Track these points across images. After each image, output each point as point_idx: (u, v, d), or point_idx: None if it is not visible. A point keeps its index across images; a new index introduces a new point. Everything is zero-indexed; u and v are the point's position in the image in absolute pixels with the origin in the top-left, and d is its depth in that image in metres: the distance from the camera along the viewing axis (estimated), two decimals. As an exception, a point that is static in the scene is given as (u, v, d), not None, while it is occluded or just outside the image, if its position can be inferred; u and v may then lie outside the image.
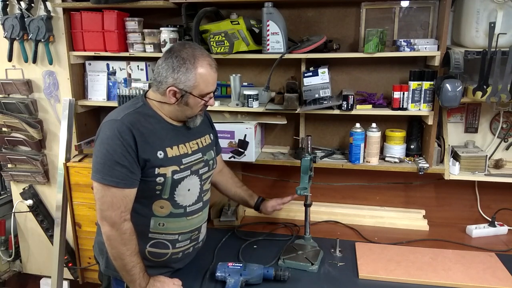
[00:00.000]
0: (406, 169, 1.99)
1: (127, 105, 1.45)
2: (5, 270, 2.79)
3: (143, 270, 1.42)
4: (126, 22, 2.16)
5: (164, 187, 1.42)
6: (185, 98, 1.40)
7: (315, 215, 2.11)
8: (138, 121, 1.38)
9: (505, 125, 2.03)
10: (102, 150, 1.35)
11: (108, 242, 1.39)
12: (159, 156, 1.40)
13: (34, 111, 2.46)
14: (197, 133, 1.56)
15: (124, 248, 1.37)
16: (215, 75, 1.43)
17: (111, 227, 1.36)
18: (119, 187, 1.34)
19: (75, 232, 2.35)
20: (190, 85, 1.38)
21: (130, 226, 1.39)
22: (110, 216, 1.36)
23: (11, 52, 2.36)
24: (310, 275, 1.62)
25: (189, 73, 1.37)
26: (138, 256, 1.40)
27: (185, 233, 1.52)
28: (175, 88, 1.38)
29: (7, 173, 2.55)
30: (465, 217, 2.13)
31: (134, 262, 1.39)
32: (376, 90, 2.08)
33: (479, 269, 1.64)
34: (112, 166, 1.33)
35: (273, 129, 2.27)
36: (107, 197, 1.35)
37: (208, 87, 1.42)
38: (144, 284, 1.42)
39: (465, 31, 1.82)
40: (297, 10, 2.09)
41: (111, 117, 1.40)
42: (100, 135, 1.38)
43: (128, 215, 1.39)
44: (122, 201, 1.36)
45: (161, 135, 1.42)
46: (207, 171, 1.57)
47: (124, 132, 1.34)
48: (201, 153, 1.54)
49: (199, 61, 1.37)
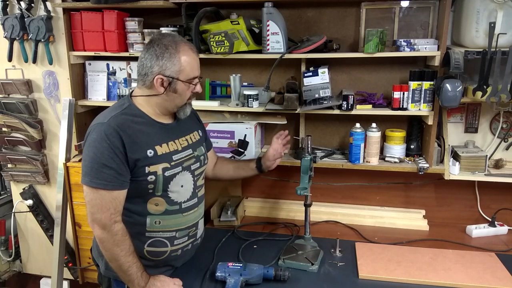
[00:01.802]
0: (406, 169, 1.99)
1: (114, 107, 1.46)
2: (5, 270, 2.79)
3: (140, 270, 1.42)
4: (126, 22, 2.16)
5: (156, 185, 1.43)
6: (173, 85, 1.42)
7: (315, 215, 2.11)
8: (125, 122, 1.39)
9: (505, 125, 2.03)
10: (90, 153, 1.36)
11: (101, 244, 1.40)
12: (149, 155, 1.40)
13: (34, 111, 2.46)
14: (186, 130, 1.58)
15: (118, 249, 1.38)
16: (197, 58, 1.46)
17: (102, 229, 1.37)
18: (108, 189, 1.35)
19: (75, 232, 2.35)
20: (176, 70, 1.40)
21: (122, 227, 1.39)
22: (100, 218, 1.36)
23: (11, 52, 2.36)
24: (310, 275, 1.62)
25: (173, 58, 1.39)
26: (133, 256, 1.40)
27: (182, 230, 1.52)
28: (162, 76, 1.40)
29: (7, 173, 2.55)
30: (465, 217, 2.13)
31: (130, 262, 1.39)
32: (376, 90, 2.08)
33: (479, 269, 1.64)
34: (100, 169, 1.34)
35: (273, 129, 2.27)
36: (96, 200, 1.36)
37: (193, 71, 1.44)
38: (143, 283, 1.42)
39: (465, 31, 1.82)
40: (297, 10, 2.09)
41: (98, 120, 1.41)
42: (88, 138, 1.39)
43: (119, 216, 1.40)
44: (111, 203, 1.37)
45: (149, 134, 1.43)
46: (199, 167, 1.58)
47: (111, 135, 1.35)
48: (191, 149, 1.55)
49: (181, 46, 1.41)
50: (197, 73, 1.47)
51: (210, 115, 2.13)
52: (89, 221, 1.40)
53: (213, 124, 2.08)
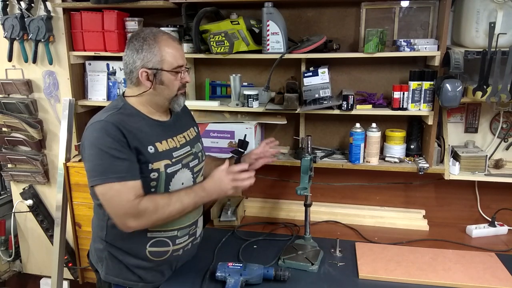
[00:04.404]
0: (406, 169, 1.99)
1: (108, 108, 1.44)
2: (5, 270, 2.79)
3: (188, 191, 1.42)
4: (126, 22, 2.16)
5: (159, 182, 1.42)
6: (158, 77, 1.40)
7: (315, 215, 2.11)
8: (123, 120, 1.37)
9: (505, 125, 2.03)
10: (95, 151, 1.32)
11: (149, 227, 1.39)
12: (150, 151, 1.39)
13: (34, 111, 2.46)
14: (183, 127, 1.57)
15: (162, 211, 1.35)
16: (179, 47, 1.43)
17: (136, 219, 1.32)
18: (127, 180, 1.32)
19: (75, 232, 2.35)
20: (158, 60, 1.38)
21: (145, 199, 1.34)
22: (127, 212, 1.31)
23: (11, 52, 2.36)
24: (310, 275, 1.62)
25: (153, 48, 1.37)
26: (171, 194, 1.39)
27: (183, 228, 1.52)
28: (145, 69, 1.38)
29: (7, 173, 2.55)
30: (465, 217, 2.13)
31: (177, 201, 1.38)
32: (376, 90, 2.08)
33: (479, 269, 1.64)
34: (112, 163, 1.31)
35: (273, 129, 2.27)
36: (116, 196, 1.31)
37: (176, 60, 1.41)
38: (203, 193, 1.43)
39: (465, 31, 1.82)
40: (297, 10, 2.09)
41: (94, 120, 1.39)
42: (87, 138, 1.35)
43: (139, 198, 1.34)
44: (131, 192, 1.32)
45: (148, 132, 1.42)
46: (197, 164, 1.58)
47: (112, 129, 1.32)
48: (189, 146, 1.55)
49: (159, 37, 1.39)
50: (182, 62, 1.43)
51: (210, 115, 2.13)
52: (119, 223, 1.34)
53: (213, 124, 2.08)
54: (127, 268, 1.47)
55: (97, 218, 1.50)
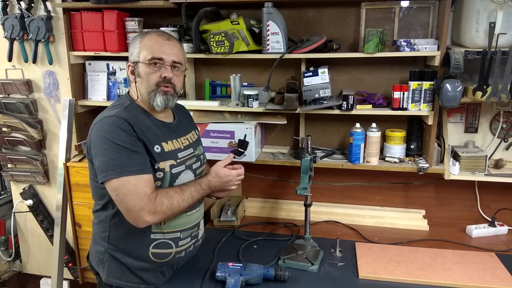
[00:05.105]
0: (406, 169, 1.99)
1: (115, 105, 1.44)
2: (5, 270, 2.79)
3: (197, 185, 1.45)
4: (126, 22, 2.16)
5: (163, 182, 1.42)
6: (136, 69, 1.42)
7: (315, 215, 2.11)
8: (130, 118, 1.37)
9: (505, 125, 2.03)
10: (109, 145, 1.30)
11: (164, 220, 1.40)
12: (156, 151, 1.40)
13: (34, 111, 2.46)
14: (186, 129, 1.59)
15: (176, 206, 1.36)
16: (164, 42, 1.41)
17: (153, 214, 1.31)
18: (144, 172, 1.32)
19: (75, 232, 2.35)
20: (137, 53, 1.42)
21: (158, 193, 1.34)
22: (144, 207, 1.29)
23: (11, 52, 2.36)
24: (310, 275, 1.62)
25: (136, 43, 1.43)
26: (181, 190, 1.40)
27: (186, 230, 1.52)
28: (130, 63, 1.43)
29: (7, 173, 2.55)
30: (465, 217, 2.14)
31: (188, 195, 1.40)
32: (376, 90, 2.08)
33: (479, 269, 1.64)
34: (129, 156, 1.30)
35: (273, 129, 2.27)
36: (132, 190, 1.29)
37: (153, 52, 1.39)
38: (209, 190, 1.48)
39: (465, 31, 1.82)
40: (297, 10, 2.09)
41: (103, 115, 1.39)
42: (99, 133, 1.33)
43: (155, 192, 1.34)
44: (146, 185, 1.31)
45: (155, 131, 1.43)
46: (199, 166, 1.58)
47: (124, 123, 1.33)
48: (192, 148, 1.56)
49: (148, 33, 1.44)
50: (159, 55, 1.39)
51: (210, 115, 2.13)
52: (134, 219, 1.31)
53: (213, 124, 2.08)
54: (129, 270, 1.46)
55: (99, 220, 1.49)
